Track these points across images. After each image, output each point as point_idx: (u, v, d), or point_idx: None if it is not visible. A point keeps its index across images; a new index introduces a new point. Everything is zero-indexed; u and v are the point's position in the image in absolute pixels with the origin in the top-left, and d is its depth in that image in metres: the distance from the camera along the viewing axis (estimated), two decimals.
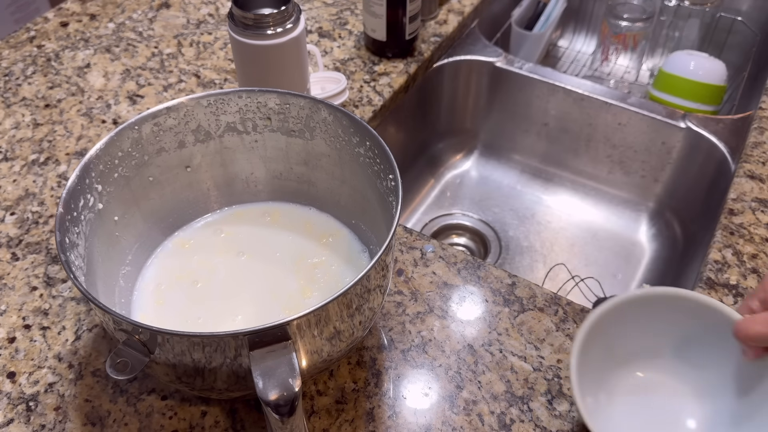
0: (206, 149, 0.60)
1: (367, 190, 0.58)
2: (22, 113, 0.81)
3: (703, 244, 0.77)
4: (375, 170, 0.55)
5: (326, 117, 0.57)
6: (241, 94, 0.57)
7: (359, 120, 0.55)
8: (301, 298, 0.57)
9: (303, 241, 0.61)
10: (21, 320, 0.61)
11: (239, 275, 0.59)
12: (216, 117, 0.58)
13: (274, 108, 0.58)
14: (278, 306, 0.56)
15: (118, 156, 0.55)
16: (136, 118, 0.55)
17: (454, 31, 0.96)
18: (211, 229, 0.62)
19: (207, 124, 0.58)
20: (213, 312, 0.56)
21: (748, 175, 0.75)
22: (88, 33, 0.93)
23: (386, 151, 0.53)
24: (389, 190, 0.53)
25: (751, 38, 1.08)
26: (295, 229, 0.62)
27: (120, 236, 0.56)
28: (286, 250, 0.60)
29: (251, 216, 0.63)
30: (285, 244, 0.61)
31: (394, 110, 0.88)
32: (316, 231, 0.62)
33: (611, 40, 1.11)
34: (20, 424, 0.54)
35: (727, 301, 0.63)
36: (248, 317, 0.56)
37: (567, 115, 0.96)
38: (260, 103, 0.58)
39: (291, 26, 0.65)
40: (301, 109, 0.58)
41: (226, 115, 0.58)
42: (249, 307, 0.56)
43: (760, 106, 0.84)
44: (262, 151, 0.61)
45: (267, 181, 0.63)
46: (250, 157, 0.61)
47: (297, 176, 0.63)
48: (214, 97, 0.57)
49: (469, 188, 1.05)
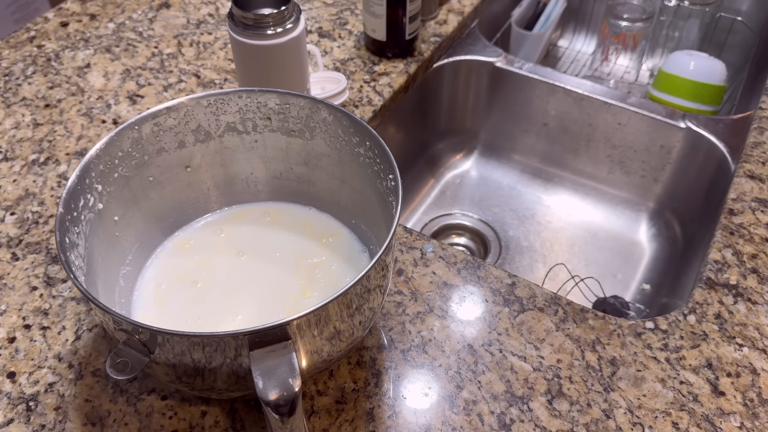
0: (206, 149, 0.60)
1: (367, 190, 0.58)
2: (22, 113, 0.81)
3: (703, 244, 0.77)
4: (375, 170, 0.55)
5: (326, 117, 0.57)
6: (241, 94, 0.57)
7: (359, 120, 0.55)
8: (301, 298, 0.57)
9: (303, 241, 0.61)
10: (21, 320, 0.61)
11: (239, 275, 0.59)
12: (216, 117, 0.58)
13: (274, 108, 0.58)
14: (278, 306, 0.56)
15: (118, 156, 0.55)
16: (136, 118, 0.55)
17: (454, 31, 0.96)
18: (211, 229, 0.62)
19: (207, 124, 0.58)
20: (213, 312, 0.56)
21: (748, 175, 0.75)
22: (88, 33, 0.93)
23: (386, 151, 0.53)
24: (389, 190, 0.53)
25: (751, 38, 1.08)
26: (295, 228, 0.62)
27: (120, 236, 0.56)
28: (286, 249, 0.60)
29: (251, 216, 0.63)
30: (285, 244, 0.61)
31: (394, 110, 0.88)
32: (316, 231, 0.62)
33: (611, 40, 1.11)
34: (20, 424, 0.54)
35: (727, 301, 0.63)
36: (248, 317, 0.56)
37: (567, 115, 0.96)
38: (260, 103, 0.58)
39: (291, 26, 0.65)
40: (301, 109, 0.58)
41: (226, 115, 0.58)
42: (249, 307, 0.56)
43: (760, 106, 0.84)
44: (262, 151, 0.61)
45: (267, 181, 0.63)
46: (250, 157, 0.61)
47: (297, 176, 0.63)
48: (214, 97, 0.57)
49: (469, 188, 1.05)
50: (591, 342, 0.60)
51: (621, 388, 0.57)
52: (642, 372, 0.58)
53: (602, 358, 0.59)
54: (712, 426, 0.54)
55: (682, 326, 0.61)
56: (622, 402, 0.56)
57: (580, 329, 0.61)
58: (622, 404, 0.56)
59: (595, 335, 0.60)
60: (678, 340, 0.60)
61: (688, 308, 0.62)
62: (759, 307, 0.62)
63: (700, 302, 0.63)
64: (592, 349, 0.59)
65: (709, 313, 0.62)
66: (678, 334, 0.60)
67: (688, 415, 0.55)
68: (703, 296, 0.63)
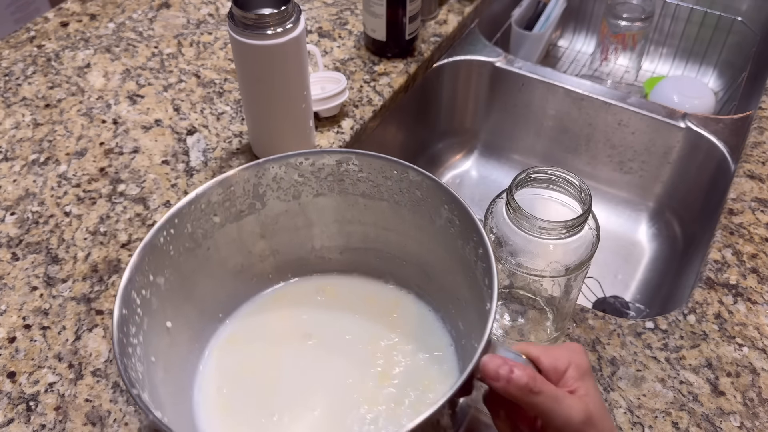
0: (261, 219, 0.55)
1: (444, 257, 0.53)
2: (22, 113, 0.81)
3: (703, 244, 0.77)
4: (452, 234, 0.51)
5: (400, 178, 0.52)
6: (300, 159, 0.53)
7: (440, 182, 0.51)
8: (379, 386, 0.52)
9: (371, 319, 0.56)
10: (21, 320, 0.61)
11: (308, 363, 0.54)
12: (277, 183, 0.54)
13: (334, 168, 0.53)
14: (357, 397, 0.51)
15: (171, 240, 0.50)
16: (195, 194, 0.50)
17: (454, 31, 0.96)
18: (270, 312, 0.57)
19: (263, 190, 0.54)
20: (286, 406, 0.51)
21: (747, 175, 0.75)
22: (88, 33, 0.93)
23: (471, 216, 0.48)
24: (476, 256, 0.47)
25: (751, 38, 1.08)
26: (362, 305, 0.57)
27: (172, 329, 0.50)
28: (355, 330, 0.55)
29: (313, 292, 0.58)
30: (352, 323, 0.56)
31: (394, 110, 0.88)
32: (383, 306, 0.57)
33: (611, 40, 1.11)
34: (20, 424, 0.54)
35: (726, 301, 0.63)
36: (327, 411, 0.51)
37: (567, 115, 0.96)
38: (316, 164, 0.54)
39: (291, 26, 0.65)
40: (371, 172, 0.53)
41: (287, 180, 0.54)
42: (325, 398, 0.52)
43: (760, 106, 0.84)
44: (323, 218, 0.57)
45: (333, 250, 0.59)
46: (309, 226, 0.57)
47: (362, 244, 0.58)
48: (277, 162, 0.53)
49: (469, 188, 1.05)
50: (591, 342, 0.60)
51: (621, 387, 0.57)
52: (642, 372, 0.58)
53: (602, 358, 0.59)
54: (712, 426, 0.54)
55: (682, 326, 0.61)
56: (622, 402, 0.56)
57: (580, 329, 0.61)
58: (622, 404, 0.56)
59: (595, 335, 0.60)
60: (678, 339, 0.60)
61: (688, 308, 0.62)
62: (759, 307, 0.62)
63: (700, 302, 0.63)
64: (592, 348, 0.59)
65: (709, 312, 0.62)
66: (678, 334, 0.60)
67: (688, 414, 0.55)
68: (703, 296, 0.63)
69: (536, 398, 0.40)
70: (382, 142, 0.90)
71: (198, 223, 0.51)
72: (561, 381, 0.42)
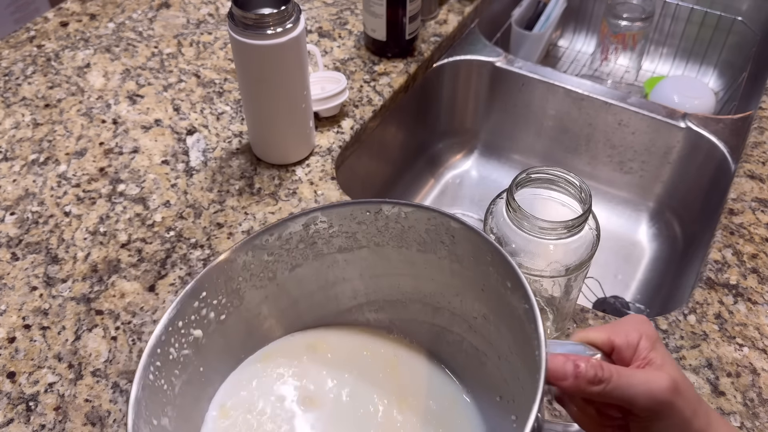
0: (244, 315, 0.50)
1: (448, 281, 0.50)
2: (22, 113, 0.81)
3: (703, 244, 0.77)
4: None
5: (375, 217, 0.49)
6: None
7: (416, 204, 0.48)
8: None
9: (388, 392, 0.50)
10: (21, 320, 0.61)
11: None
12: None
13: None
14: None
15: (161, 375, 0.45)
16: (166, 318, 0.45)
17: (454, 31, 0.96)
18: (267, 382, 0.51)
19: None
20: None
21: (748, 175, 0.75)
22: (88, 33, 0.93)
23: (472, 228, 0.45)
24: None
25: (751, 38, 1.08)
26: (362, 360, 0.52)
27: None
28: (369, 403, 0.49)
29: (293, 353, 0.52)
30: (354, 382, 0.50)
31: (394, 110, 0.88)
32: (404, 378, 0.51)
33: (611, 40, 1.11)
34: (20, 424, 0.54)
35: (727, 301, 0.63)
36: None
37: (567, 115, 0.96)
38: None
39: (291, 26, 0.65)
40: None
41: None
42: None
43: (760, 106, 0.84)
44: (304, 289, 0.52)
45: (325, 318, 0.54)
46: (294, 303, 0.53)
47: (353, 301, 0.54)
48: (242, 250, 0.48)
49: (469, 188, 1.05)
50: None
51: None
52: None
53: None
54: None
55: (682, 326, 0.61)
56: None
57: (580, 329, 0.61)
58: None
59: None
60: (678, 339, 0.60)
61: (688, 308, 0.62)
62: (759, 307, 0.62)
63: (700, 302, 0.63)
64: None
65: (709, 313, 0.62)
66: (678, 334, 0.60)
67: None
68: (703, 296, 0.63)
69: (609, 389, 0.37)
70: (382, 142, 0.90)
71: (179, 345, 0.46)
72: (634, 356, 0.39)
